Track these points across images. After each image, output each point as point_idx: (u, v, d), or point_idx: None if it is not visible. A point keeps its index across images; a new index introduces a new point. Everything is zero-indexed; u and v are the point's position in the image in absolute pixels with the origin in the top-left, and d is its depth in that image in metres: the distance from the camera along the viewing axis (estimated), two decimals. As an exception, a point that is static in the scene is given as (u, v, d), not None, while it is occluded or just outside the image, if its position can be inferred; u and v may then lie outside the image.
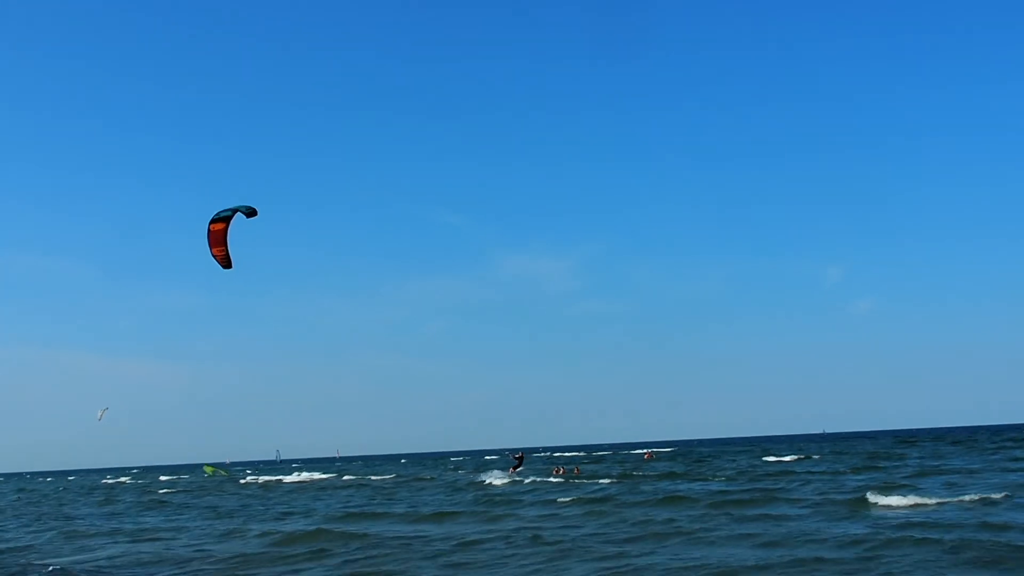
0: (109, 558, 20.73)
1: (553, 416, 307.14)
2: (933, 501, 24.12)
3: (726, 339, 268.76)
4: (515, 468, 52.72)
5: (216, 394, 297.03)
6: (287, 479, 72.89)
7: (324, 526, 25.13)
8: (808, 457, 65.57)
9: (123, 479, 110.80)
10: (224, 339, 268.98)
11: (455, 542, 20.27)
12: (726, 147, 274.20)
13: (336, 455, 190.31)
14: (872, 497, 24.86)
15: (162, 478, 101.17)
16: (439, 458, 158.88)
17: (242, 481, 74.52)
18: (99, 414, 46.19)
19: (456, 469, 66.99)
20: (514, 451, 65.34)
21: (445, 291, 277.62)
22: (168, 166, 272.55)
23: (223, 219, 18.66)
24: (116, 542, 24.49)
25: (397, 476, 66.55)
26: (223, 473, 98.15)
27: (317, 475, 77.52)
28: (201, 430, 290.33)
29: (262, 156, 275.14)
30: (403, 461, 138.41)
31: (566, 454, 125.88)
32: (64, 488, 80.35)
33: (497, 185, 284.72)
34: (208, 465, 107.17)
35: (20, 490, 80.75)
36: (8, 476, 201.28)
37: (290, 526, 26.68)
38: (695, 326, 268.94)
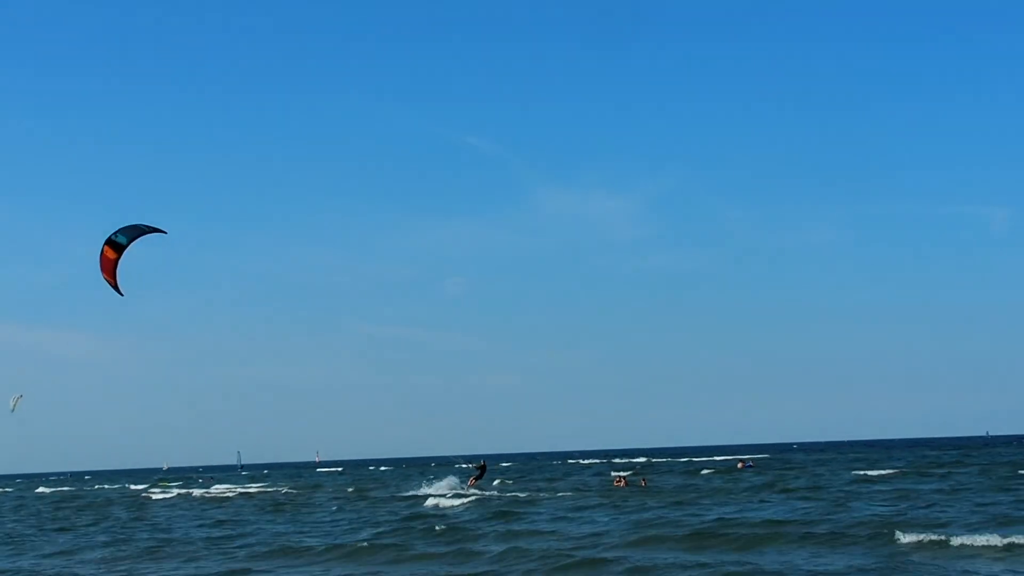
0: None
1: (610, 409, 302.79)
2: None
3: (847, 306, 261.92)
4: (475, 479, 55.47)
5: (164, 377, 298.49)
6: (198, 492, 74.49)
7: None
8: (903, 472, 62.55)
9: (8, 489, 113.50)
10: (174, 304, 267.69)
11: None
12: (840, 50, 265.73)
13: (316, 459, 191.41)
14: (902, 536, 25.28)
15: (39, 489, 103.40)
16: (446, 464, 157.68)
17: (145, 495, 75.86)
18: (12, 402, 47.94)
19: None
20: (472, 459, 65.78)
21: (468, 240, 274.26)
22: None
23: (118, 247, 22.32)
24: None
25: (347, 490, 68.08)
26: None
27: (249, 487, 79.80)
28: (143, 424, 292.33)
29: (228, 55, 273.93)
30: (383, 469, 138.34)
31: (630, 460, 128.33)
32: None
33: (537, 100, 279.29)
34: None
35: None
36: None
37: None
38: (804, 288, 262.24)
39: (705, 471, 77.63)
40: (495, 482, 65.37)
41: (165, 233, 22.68)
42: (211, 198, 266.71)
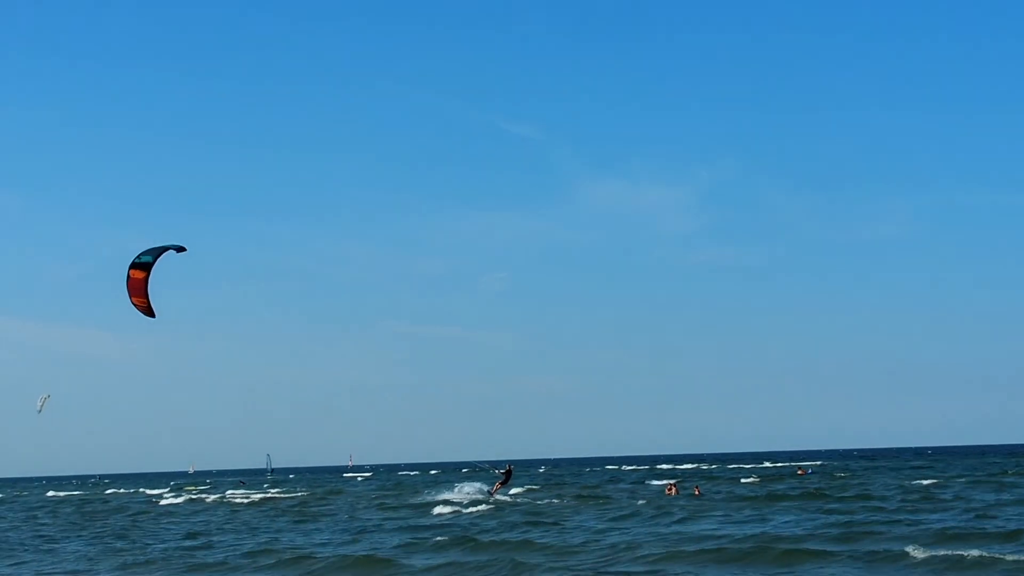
0: None
1: (657, 412, 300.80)
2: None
3: (913, 303, 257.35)
4: (500, 484, 55.70)
5: (194, 378, 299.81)
6: (212, 498, 74.63)
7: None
8: (975, 481, 60.90)
9: (25, 492, 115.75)
10: (204, 303, 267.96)
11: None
12: (898, 37, 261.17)
13: (349, 463, 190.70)
14: (913, 551, 25.03)
15: (49, 493, 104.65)
16: (480, 469, 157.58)
17: (154, 500, 76.51)
18: (39, 403, 49.21)
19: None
20: (497, 464, 65.35)
21: (510, 233, 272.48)
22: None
23: (145, 266, 23.66)
24: None
25: (371, 496, 67.81)
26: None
27: (268, 492, 79.89)
28: (174, 426, 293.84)
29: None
30: (414, 474, 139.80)
31: (675, 467, 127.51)
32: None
33: (583, 86, 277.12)
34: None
35: None
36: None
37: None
38: (866, 284, 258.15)
39: (749, 479, 76.65)
40: (522, 488, 64.45)
41: (185, 250, 24.40)
42: (241, 192, 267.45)
